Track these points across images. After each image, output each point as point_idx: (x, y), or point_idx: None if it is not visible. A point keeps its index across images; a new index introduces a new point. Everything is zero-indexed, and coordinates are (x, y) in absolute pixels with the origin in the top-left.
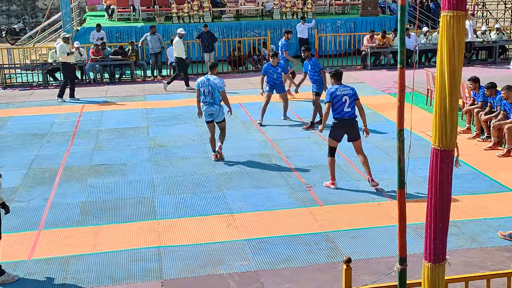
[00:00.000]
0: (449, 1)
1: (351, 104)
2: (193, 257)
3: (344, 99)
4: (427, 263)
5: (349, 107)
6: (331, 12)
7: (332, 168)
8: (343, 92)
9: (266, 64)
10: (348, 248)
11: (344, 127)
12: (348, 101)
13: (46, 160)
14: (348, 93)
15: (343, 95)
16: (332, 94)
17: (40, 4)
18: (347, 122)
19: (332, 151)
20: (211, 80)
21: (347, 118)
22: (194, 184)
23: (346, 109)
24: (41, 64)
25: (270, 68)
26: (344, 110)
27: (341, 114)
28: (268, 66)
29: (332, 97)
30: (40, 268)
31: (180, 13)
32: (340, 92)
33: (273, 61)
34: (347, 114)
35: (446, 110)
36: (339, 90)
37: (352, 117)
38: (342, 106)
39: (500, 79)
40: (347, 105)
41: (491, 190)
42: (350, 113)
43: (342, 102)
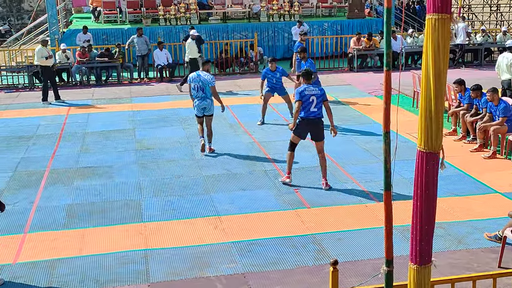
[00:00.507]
0: (434, 4)
1: (318, 104)
2: (180, 259)
3: (312, 99)
4: (413, 265)
5: (316, 107)
6: (318, 15)
7: (290, 162)
8: (311, 92)
9: (265, 69)
10: (335, 250)
11: (309, 126)
12: (315, 102)
13: (32, 163)
14: (316, 94)
15: (310, 95)
16: (301, 93)
17: (26, 5)
18: (311, 122)
19: (293, 146)
20: (201, 76)
21: (312, 117)
22: (181, 186)
23: (313, 109)
24: (26, 66)
25: (269, 73)
26: (310, 110)
27: (307, 113)
28: (267, 71)
29: (301, 96)
30: (25, 271)
31: (167, 15)
32: (308, 92)
33: (272, 66)
34: (313, 114)
35: (432, 113)
36: (308, 90)
37: (317, 117)
38: (309, 106)
39: (485, 81)
40: (314, 105)
41: (477, 191)
42: (316, 113)
43: (309, 102)
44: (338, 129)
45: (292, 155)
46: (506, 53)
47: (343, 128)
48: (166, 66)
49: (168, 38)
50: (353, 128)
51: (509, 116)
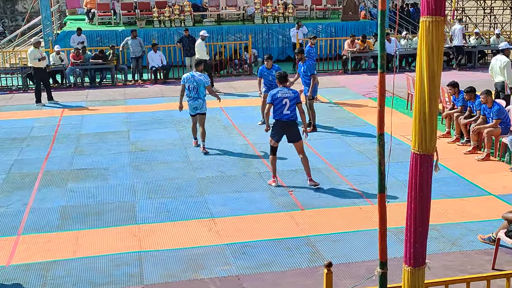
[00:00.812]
0: (428, 7)
1: (292, 107)
2: (174, 261)
3: (285, 102)
4: (407, 267)
5: (289, 110)
6: (312, 17)
7: (273, 166)
8: (284, 95)
9: (261, 67)
10: (329, 252)
11: (283, 128)
12: (288, 104)
13: (26, 165)
14: (289, 96)
15: (283, 98)
16: (274, 96)
17: (20, 7)
18: (285, 124)
19: (273, 150)
20: (196, 77)
21: (285, 120)
22: (175, 188)
23: (286, 111)
24: (20, 68)
25: (265, 71)
26: (283, 112)
27: (280, 116)
28: (263, 68)
29: (273, 99)
30: (19, 274)
31: (161, 17)
32: (281, 94)
33: (267, 64)
34: (286, 116)
35: (426, 115)
36: (281, 92)
37: (290, 120)
38: (282, 108)
39: (479, 84)
40: (287, 107)
41: (471, 193)
42: (289, 115)
43: (282, 104)
44: (332, 131)
45: (274, 158)
46: (499, 56)
47: (338, 130)
48: (160, 68)
49: (162, 40)
50: (348, 130)
51: (503, 119)
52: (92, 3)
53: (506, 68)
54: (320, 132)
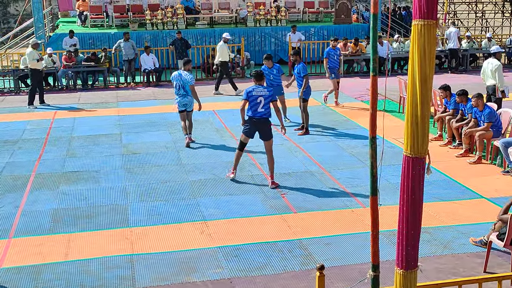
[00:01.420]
0: (420, 10)
1: (266, 105)
2: (166, 264)
3: (259, 100)
4: (399, 270)
5: (263, 108)
6: (305, 20)
7: (237, 160)
8: (259, 93)
9: (263, 66)
10: (321, 255)
11: (255, 125)
12: (263, 102)
13: (17, 167)
14: (263, 95)
15: (258, 96)
16: (249, 94)
17: (12, 9)
18: (258, 121)
19: (242, 146)
20: (182, 76)
21: (257, 117)
22: (167, 191)
23: (260, 109)
24: (12, 70)
25: (266, 70)
26: (257, 110)
27: (254, 113)
28: (264, 67)
29: (248, 96)
30: (10, 277)
31: (154, 20)
32: (256, 92)
33: (268, 63)
34: (259, 114)
35: (418, 118)
36: (256, 90)
37: (263, 117)
38: (257, 106)
39: (471, 87)
40: (261, 105)
41: (463, 196)
42: (263, 113)
43: (257, 102)
44: (325, 134)
45: (240, 154)
46: (490, 59)
47: (330, 133)
48: (153, 70)
49: (155, 42)
50: (340, 133)
51: (494, 122)
52: (85, 6)
53: (497, 71)
54: (313, 135)
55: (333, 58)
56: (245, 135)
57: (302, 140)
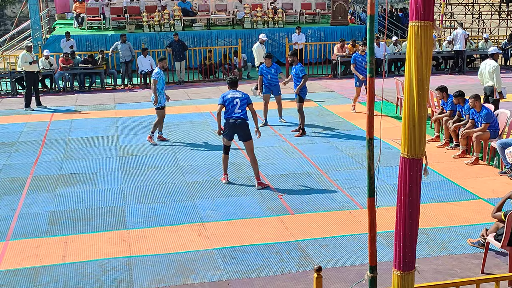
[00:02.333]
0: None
1: (242, 107)
2: (163, 266)
3: (236, 102)
4: (396, 271)
5: (239, 109)
6: (302, 21)
7: (225, 164)
8: (235, 95)
9: (261, 65)
10: (319, 256)
11: (234, 127)
12: (239, 104)
13: (14, 170)
14: (239, 97)
15: (234, 98)
16: (224, 97)
17: (9, 12)
18: (235, 123)
19: (225, 149)
20: (161, 72)
21: (235, 118)
22: (164, 193)
23: (236, 111)
24: (9, 73)
25: (264, 69)
26: (234, 112)
27: (231, 115)
28: (263, 67)
29: (224, 100)
30: (7, 279)
31: (151, 22)
32: (231, 95)
33: (267, 62)
34: (236, 115)
35: (415, 119)
36: (231, 93)
37: (240, 118)
38: (233, 108)
39: (467, 88)
40: (237, 107)
41: (460, 197)
42: (239, 114)
43: (233, 104)
44: (322, 135)
45: (226, 157)
46: (488, 60)
47: (327, 134)
48: (150, 72)
49: (152, 44)
50: (337, 134)
51: (491, 123)
52: (82, 8)
53: (495, 72)
54: (310, 137)
55: (360, 65)
56: (225, 138)
57: (299, 141)
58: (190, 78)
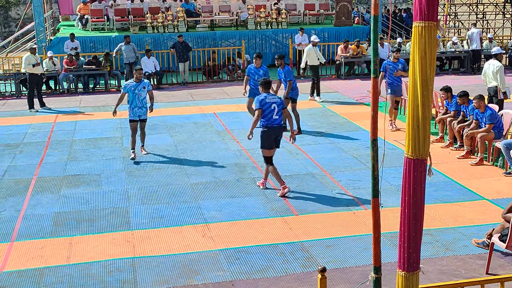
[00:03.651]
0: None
1: (279, 112)
2: (168, 267)
3: (273, 107)
4: (401, 272)
5: (277, 115)
6: (305, 22)
7: (277, 175)
8: (272, 100)
9: (250, 65)
10: (323, 257)
11: (274, 134)
12: (276, 109)
13: (19, 171)
14: (276, 102)
15: (272, 103)
16: (262, 102)
17: (13, 13)
18: (276, 130)
19: (269, 160)
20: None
21: (276, 125)
22: (168, 194)
23: (275, 116)
24: (13, 74)
25: (253, 69)
26: (272, 118)
27: (270, 121)
28: (251, 66)
29: (262, 104)
30: (12, 280)
31: (155, 23)
32: (268, 100)
33: (256, 62)
34: (276, 121)
35: (419, 120)
36: (268, 98)
37: (280, 125)
38: (271, 113)
39: (472, 89)
40: (276, 113)
41: (465, 198)
42: (279, 120)
43: (271, 109)
44: (326, 136)
45: (274, 168)
46: (492, 60)
47: (331, 135)
48: (153, 73)
49: (156, 45)
50: (341, 135)
51: (496, 123)
52: (86, 9)
53: (499, 72)
54: (314, 137)
55: (391, 73)
56: (267, 149)
57: (303, 142)
58: (193, 79)
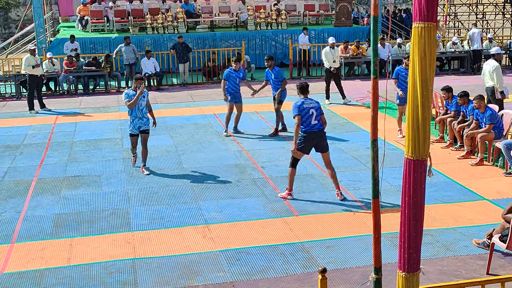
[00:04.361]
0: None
1: (318, 117)
2: (168, 269)
3: (311, 112)
4: (401, 273)
5: (316, 120)
6: (305, 23)
7: (291, 179)
8: (310, 105)
9: (228, 69)
10: (323, 258)
11: (314, 140)
12: (314, 114)
13: (19, 172)
14: (314, 106)
15: (310, 108)
16: (300, 107)
17: (13, 15)
18: (316, 135)
19: (295, 163)
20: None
21: (316, 130)
22: (169, 195)
23: (314, 121)
24: (13, 76)
25: (233, 73)
26: (311, 123)
27: (309, 126)
28: (231, 70)
29: (300, 110)
30: (13, 282)
31: (154, 24)
32: (307, 105)
33: (236, 66)
34: (316, 126)
35: (419, 120)
36: (306, 103)
37: (320, 129)
38: (310, 119)
39: (471, 89)
40: (314, 117)
41: (465, 198)
42: (318, 125)
43: (309, 115)
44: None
45: (294, 171)
46: (489, 60)
47: (331, 135)
48: (153, 74)
49: (156, 46)
50: (341, 135)
51: (496, 123)
52: (85, 10)
53: (495, 72)
54: None
55: (404, 80)
56: (300, 151)
57: None
58: (193, 80)
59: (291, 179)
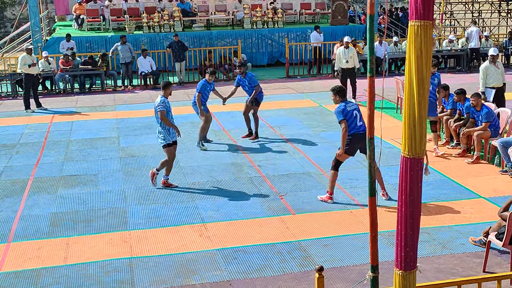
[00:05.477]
0: (416, 11)
1: (361, 118)
2: (165, 267)
3: (355, 114)
4: (398, 271)
5: (361, 121)
6: (301, 21)
7: (333, 181)
8: (352, 107)
9: (202, 81)
10: (320, 256)
11: (360, 141)
12: (358, 116)
13: (16, 172)
14: (356, 108)
15: (353, 110)
16: (344, 111)
17: (9, 14)
18: (363, 136)
19: (338, 165)
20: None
21: (362, 132)
22: (165, 194)
23: (359, 123)
24: (9, 75)
25: (207, 85)
26: (357, 125)
27: (356, 129)
28: (205, 82)
29: (344, 114)
30: (9, 281)
31: (151, 23)
32: (349, 108)
33: (210, 78)
34: (362, 128)
35: (415, 119)
36: (348, 106)
37: (365, 130)
38: (355, 121)
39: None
40: (358, 119)
41: (461, 196)
42: (363, 126)
43: (354, 117)
44: (322, 135)
45: (336, 174)
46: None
47: (327, 134)
48: (150, 73)
49: (152, 45)
50: (337, 134)
51: (492, 122)
52: (81, 9)
53: (480, 72)
54: (310, 136)
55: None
56: (346, 153)
57: (300, 141)
58: (190, 79)
59: (332, 181)
